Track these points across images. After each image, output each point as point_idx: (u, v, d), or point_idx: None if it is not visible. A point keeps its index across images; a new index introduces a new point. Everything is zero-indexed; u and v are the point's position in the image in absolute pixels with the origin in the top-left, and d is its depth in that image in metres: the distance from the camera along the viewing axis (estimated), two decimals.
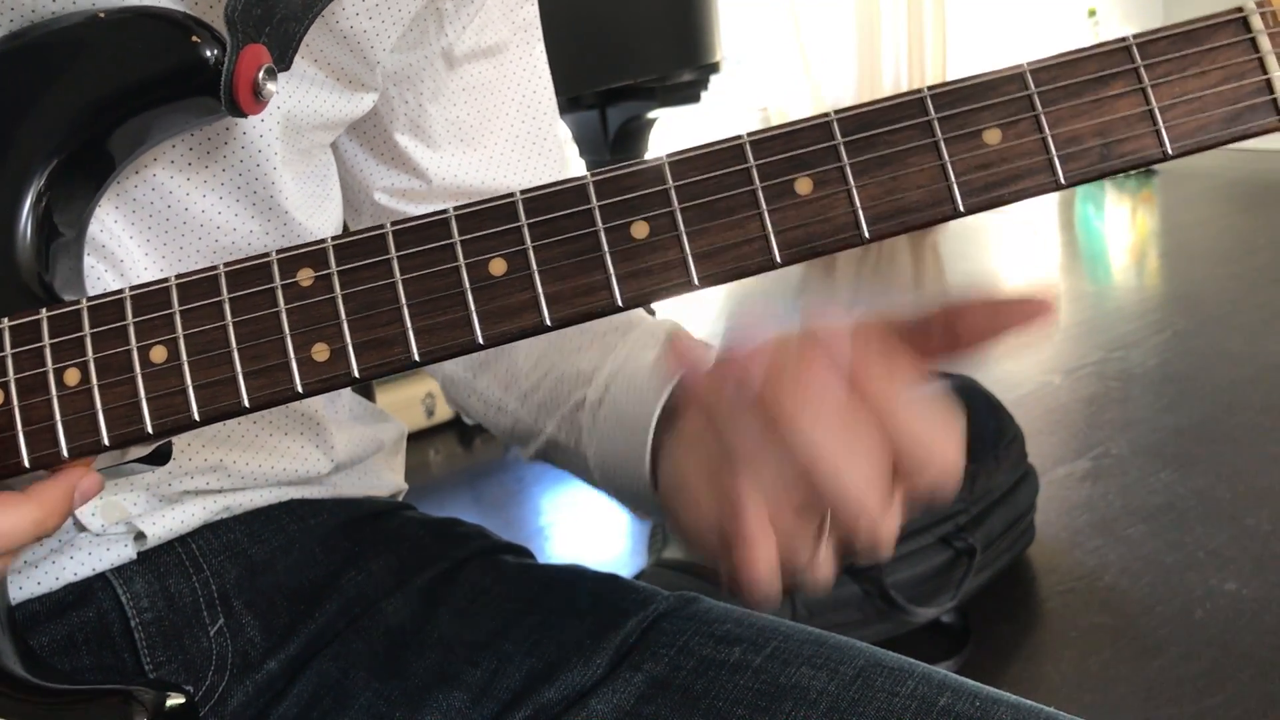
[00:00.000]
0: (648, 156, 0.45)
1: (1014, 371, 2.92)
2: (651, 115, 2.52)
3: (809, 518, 0.46)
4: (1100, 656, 1.67)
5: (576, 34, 2.29)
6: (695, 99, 2.49)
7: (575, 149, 2.69)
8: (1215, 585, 1.80)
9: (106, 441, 0.47)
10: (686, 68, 2.38)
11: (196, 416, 0.47)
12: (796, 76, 4.14)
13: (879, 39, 4.39)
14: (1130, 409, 2.60)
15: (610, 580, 0.69)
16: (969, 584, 1.74)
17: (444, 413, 2.94)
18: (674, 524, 0.56)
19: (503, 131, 0.76)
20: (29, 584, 0.61)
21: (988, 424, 1.92)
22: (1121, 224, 4.56)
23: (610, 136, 2.52)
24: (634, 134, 2.55)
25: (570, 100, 2.45)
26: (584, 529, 2.36)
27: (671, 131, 2.96)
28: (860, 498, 0.44)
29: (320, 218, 0.69)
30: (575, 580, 0.70)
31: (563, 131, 0.82)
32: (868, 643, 0.63)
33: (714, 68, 2.44)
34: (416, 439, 2.81)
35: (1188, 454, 2.29)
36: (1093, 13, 5.32)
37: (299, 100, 0.63)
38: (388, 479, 0.81)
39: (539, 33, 0.78)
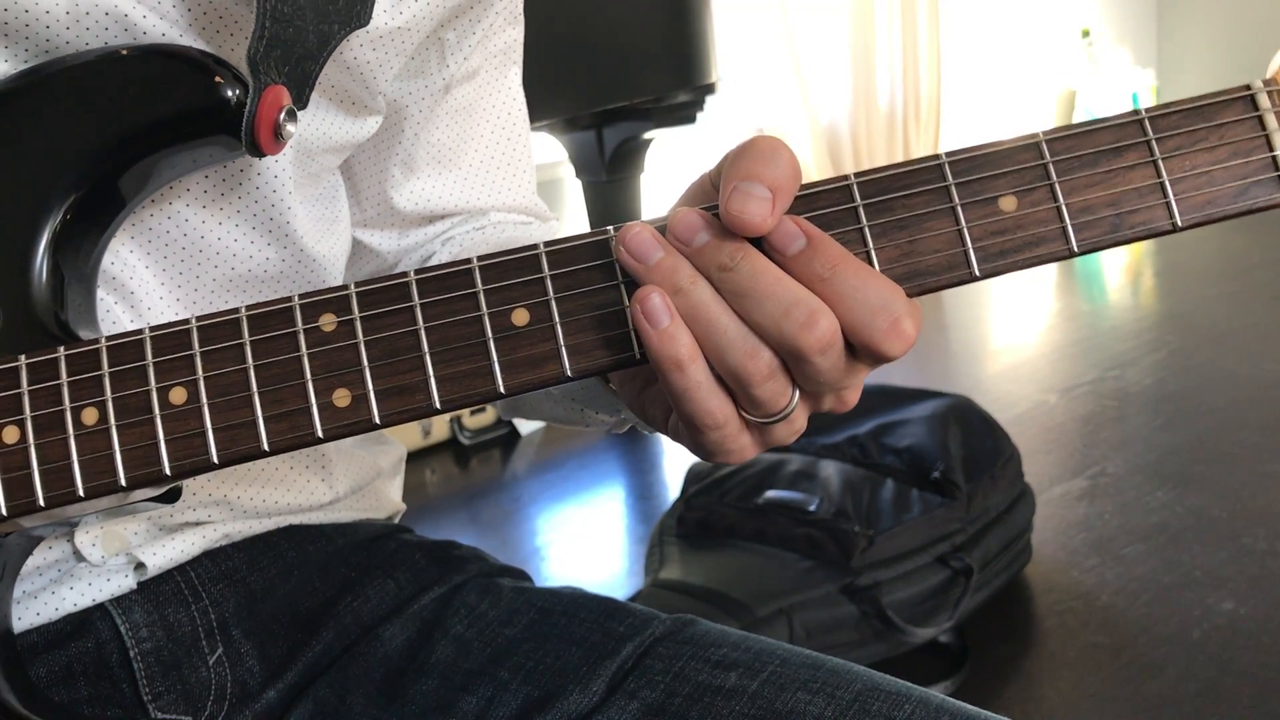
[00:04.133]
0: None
1: (1010, 391, 2.93)
2: (648, 136, 2.53)
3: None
4: (1098, 676, 1.66)
5: (573, 56, 2.30)
6: (691, 120, 2.50)
7: (572, 169, 2.70)
8: (1213, 605, 1.80)
9: (124, 482, 0.47)
10: (682, 89, 2.39)
11: (215, 459, 0.46)
12: (792, 97, 4.14)
13: (874, 59, 4.40)
14: (1126, 428, 2.60)
15: (607, 604, 0.70)
16: (966, 604, 1.74)
17: (440, 432, 2.93)
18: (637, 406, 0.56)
19: (478, 153, 0.77)
20: (28, 615, 0.61)
21: (984, 443, 1.92)
22: None
23: (606, 157, 2.53)
24: (630, 154, 2.56)
25: (567, 121, 2.46)
26: (580, 549, 2.35)
27: (667, 153, 2.96)
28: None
29: (331, 240, 0.69)
30: (572, 604, 0.70)
31: (533, 151, 0.82)
32: (865, 663, 0.63)
33: (709, 88, 2.44)
34: (413, 459, 2.81)
35: (1184, 473, 2.29)
36: (1086, 33, 5.33)
37: (308, 127, 0.63)
38: (386, 501, 0.81)
39: (518, 55, 0.79)
